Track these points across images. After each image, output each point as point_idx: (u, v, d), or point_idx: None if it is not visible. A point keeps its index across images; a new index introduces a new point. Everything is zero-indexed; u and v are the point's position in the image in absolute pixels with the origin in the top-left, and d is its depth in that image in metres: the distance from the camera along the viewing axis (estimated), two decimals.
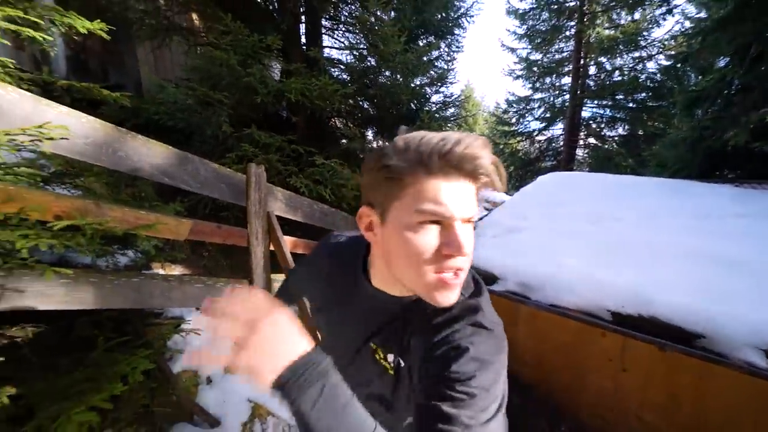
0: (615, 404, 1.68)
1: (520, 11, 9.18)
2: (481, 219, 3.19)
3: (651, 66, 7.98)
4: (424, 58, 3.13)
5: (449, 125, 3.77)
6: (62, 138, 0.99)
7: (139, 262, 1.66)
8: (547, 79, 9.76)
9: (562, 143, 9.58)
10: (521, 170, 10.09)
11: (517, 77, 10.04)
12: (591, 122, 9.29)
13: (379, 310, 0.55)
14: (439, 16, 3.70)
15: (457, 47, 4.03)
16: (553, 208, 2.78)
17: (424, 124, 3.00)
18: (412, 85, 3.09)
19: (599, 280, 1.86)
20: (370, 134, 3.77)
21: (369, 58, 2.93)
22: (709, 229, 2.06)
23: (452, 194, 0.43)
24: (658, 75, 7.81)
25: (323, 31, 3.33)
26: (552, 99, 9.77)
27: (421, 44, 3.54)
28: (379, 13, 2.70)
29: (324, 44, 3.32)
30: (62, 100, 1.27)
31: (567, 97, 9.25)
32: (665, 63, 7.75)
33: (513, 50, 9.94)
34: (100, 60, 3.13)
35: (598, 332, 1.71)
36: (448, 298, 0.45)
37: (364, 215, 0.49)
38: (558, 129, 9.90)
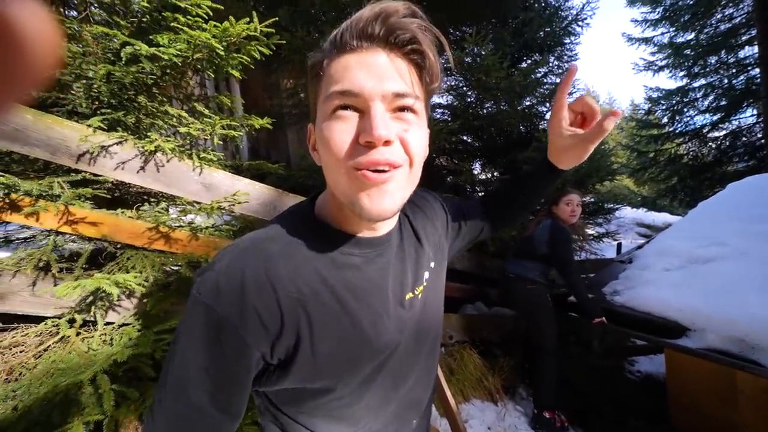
0: None
1: None
2: (639, 247, 2.48)
3: None
4: (531, 77, 2.92)
5: None
6: (245, 202, 1.35)
7: None
8: (712, 59, 7.49)
9: (760, 135, 6.83)
10: (690, 180, 7.60)
11: (659, 69, 8.17)
12: None
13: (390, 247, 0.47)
14: (543, 33, 3.45)
15: (570, 56, 3.61)
16: (761, 225, 1.91)
17: (543, 144, 2.71)
18: (520, 107, 2.89)
19: None
20: (477, 167, 3.62)
21: (469, 93, 2.92)
22: None
23: (362, 67, 0.34)
24: None
25: None
26: (725, 81, 7.33)
27: (525, 66, 3.33)
28: (476, 50, 2.73)
29: None
30: (245, 175, 1.75)
31: (757, 72, 6.74)
32: None
33: (647, 41, 8.28)
34: (266, 145, 4.34)
35: None
36: (377, 202, 0.35)
37: (310, 134, 0.44)
38: (747, 117, 7.19)
